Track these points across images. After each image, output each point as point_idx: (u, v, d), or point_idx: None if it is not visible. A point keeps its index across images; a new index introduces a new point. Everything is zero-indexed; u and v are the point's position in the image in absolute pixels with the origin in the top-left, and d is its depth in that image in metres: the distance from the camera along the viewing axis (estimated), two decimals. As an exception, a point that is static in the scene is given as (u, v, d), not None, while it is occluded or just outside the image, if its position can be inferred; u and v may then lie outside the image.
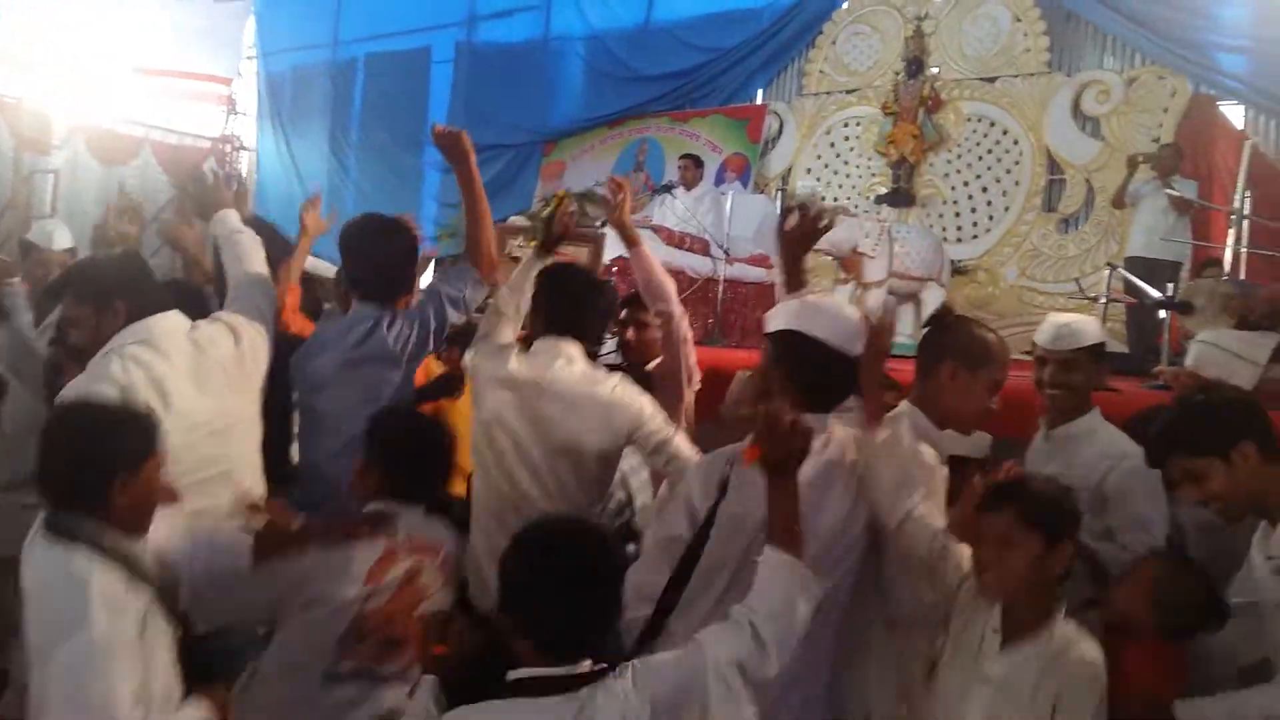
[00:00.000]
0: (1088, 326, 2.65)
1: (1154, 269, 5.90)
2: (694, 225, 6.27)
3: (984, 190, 8.22)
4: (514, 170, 10.17)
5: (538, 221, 6.07)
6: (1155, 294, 3.73)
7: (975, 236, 8.25)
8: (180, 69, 11.37)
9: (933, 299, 6.97)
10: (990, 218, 8.18)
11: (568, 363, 2.56)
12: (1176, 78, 7.31)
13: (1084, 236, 7.72)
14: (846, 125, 9.03)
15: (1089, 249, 7.65)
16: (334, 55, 12.15)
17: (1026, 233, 7.97)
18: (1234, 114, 7.22)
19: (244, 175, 11.99)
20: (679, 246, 6.35)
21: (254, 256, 2.78)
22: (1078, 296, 4.54)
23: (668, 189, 6.55)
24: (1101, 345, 2.61)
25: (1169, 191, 5.89)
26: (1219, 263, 5.88)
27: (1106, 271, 5.09)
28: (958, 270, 7.84)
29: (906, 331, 6.57)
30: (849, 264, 6.88)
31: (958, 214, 8.35)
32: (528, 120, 10.27)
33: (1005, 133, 8.10)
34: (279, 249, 3.10)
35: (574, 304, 2.66)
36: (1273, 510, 2.01)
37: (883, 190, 8.69)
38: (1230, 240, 4.33)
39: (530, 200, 9.57)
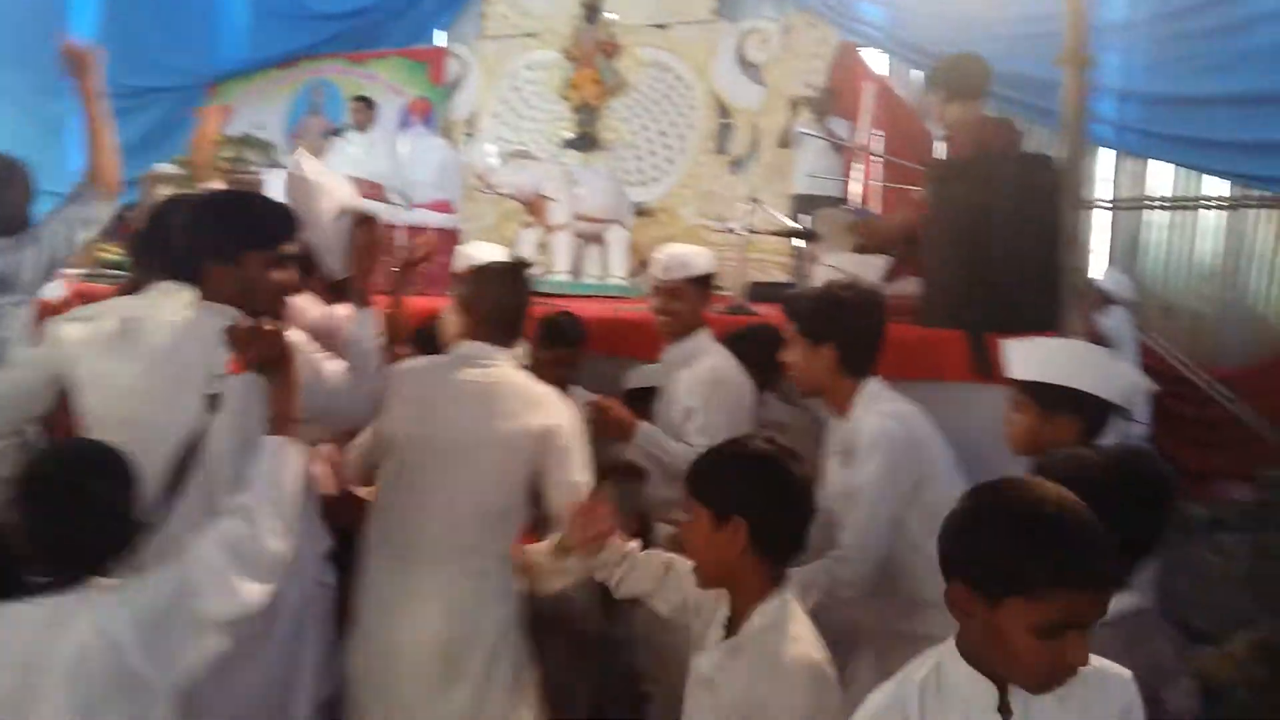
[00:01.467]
0: (694, 258, 2.83)
1: (815, 204, 6.40)
2: (368, 170, 6.05)
3: (662, 134, 8.51)
4: (175, 115, 9.33)
5: (190, 168, 5.68)
6: (792, 225, 4.04)
7: (656, 179, 8.55)
8: None
9: (616, 240, 7.18)
10: (669, 160, 8.51)
11: None
12: (826, 26, 7.88)
13: (753, 177, 8.20)
14: (530, 69, 9.00)
15: (758, 188, 8.13)
16: (-50, -14, 10.56)
17: (702, 174, 8.37)
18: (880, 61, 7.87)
19: None
20: (353, 193, 6.12)
21: None
22: (727, 231, 4.76)
23: (336, 133, 6.28)
24: (708, 275, 2.81)
25: (804, 132, 6.36)
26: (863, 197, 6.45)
27: (752, 206, 5.43)
28: (641, 212, 8.12)
29: (593, 272, 6.77)
30: (533, 208, 6.92)
31: (639, 158, 8.60)
32: (187, 61, 9.41)
33: (679, 78, 8.40)
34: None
35: None
36: (834, 406, 2.28)
37: (568, 135, 8.79)
38: (859, 175, 4.75)
39: (194, 148, 8.87)
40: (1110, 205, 7.70)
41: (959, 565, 1.37)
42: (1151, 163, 7.71)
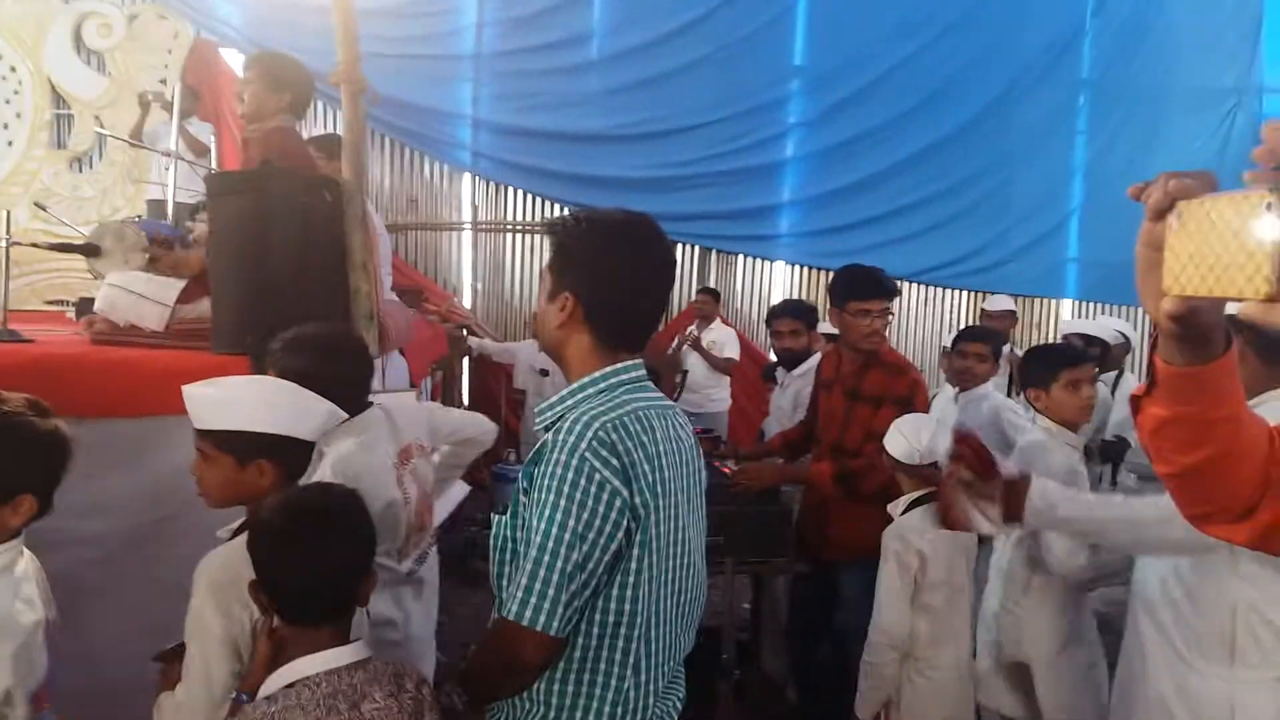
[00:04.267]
0: None
1: (178, 211, 5.82)
2: None
3: (-17, 121, 7.25)
4: None
5: None
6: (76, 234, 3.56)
7: (-23, 174, 7.26)
8: None
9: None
10: (-8, 153, 7.27)
11: None
12: (179, 19, 7.31)
13: (100, 176, 7.34)
14: None
15: (106, 189, 7.31)
16: None
17: (37, 171, 7.28)
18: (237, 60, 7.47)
19: None
20: None
21: None
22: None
23: None
24: None
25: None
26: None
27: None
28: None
29: None
30: None
31: (-46, 147, 7.23)
32: None
33: (0, 58, 7.21)
34: None
35: None
36: None
37: None
38: (171, 180, 4.38)
39: None
40: (429, 227, 8.11)
41: None
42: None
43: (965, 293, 8.47)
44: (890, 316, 3.51)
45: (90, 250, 3.30)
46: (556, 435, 1.63)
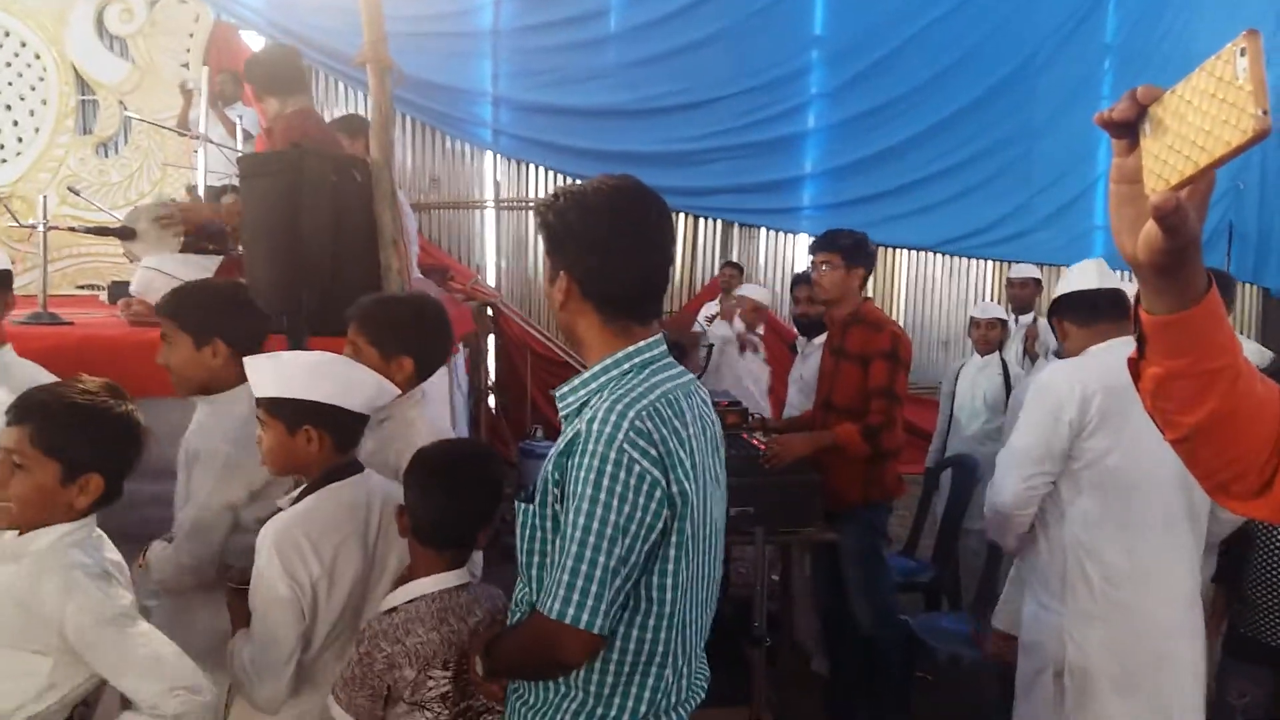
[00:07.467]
0: None
1: (208, 194, 5.87)
2: None
3: (8, 109, 7.31)
4: None
5: None
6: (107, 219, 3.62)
7: (5, 160, 7.34)
8: None
9: (-56, 233, 6.05)
10: (20, 139, 7.35)
11: None
12: (199, 3, 7.34)
13: (126, 161, 7.40)
14: None
15: (132, 174, 7.38)
16: None
17: (63, 157, 7.36)
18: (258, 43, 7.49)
19: None
20: None
21: None
22: (29, 227, 3.98)
23: None
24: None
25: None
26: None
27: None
28: (-9, 200, 6.92)
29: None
30: None
31: (-19, 134, 7.32)
32: None
33: (24, 45, 7.27)
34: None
35: None
36: None
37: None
38: (201, 164, 4.40)
39: None
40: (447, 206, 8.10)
41: None
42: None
43: (992, 263, 8.43)
44: (825, 267, 3.58)
45: (126, 234, 3.34)
46: (590, 425, 1.53)
